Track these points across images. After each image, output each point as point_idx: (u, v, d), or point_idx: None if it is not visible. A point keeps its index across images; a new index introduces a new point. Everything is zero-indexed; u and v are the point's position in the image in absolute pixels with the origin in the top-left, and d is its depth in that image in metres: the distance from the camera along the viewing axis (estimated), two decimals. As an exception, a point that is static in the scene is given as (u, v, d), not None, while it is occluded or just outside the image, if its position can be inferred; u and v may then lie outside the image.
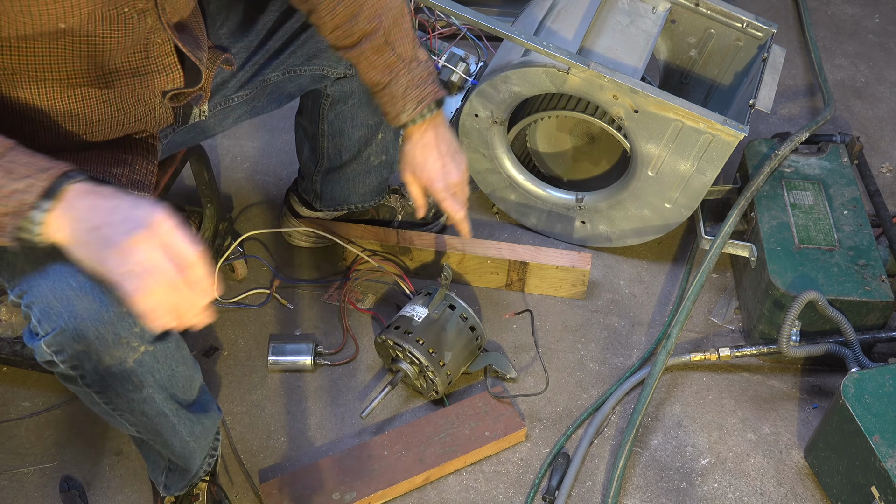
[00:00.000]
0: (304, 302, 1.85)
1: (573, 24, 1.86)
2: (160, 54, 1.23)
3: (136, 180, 1.30)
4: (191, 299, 0.96)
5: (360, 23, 1.38)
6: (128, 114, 1.26)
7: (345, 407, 1.68)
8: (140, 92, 1.25)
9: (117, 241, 0.93)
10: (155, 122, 1.32)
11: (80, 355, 1.08)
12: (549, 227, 1.99)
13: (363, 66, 1.42)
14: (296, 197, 1.89)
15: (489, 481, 1.58)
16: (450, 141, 1.48)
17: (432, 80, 1.45)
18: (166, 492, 1.42)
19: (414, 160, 1.48)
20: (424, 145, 1.46)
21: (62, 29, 1.08)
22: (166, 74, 1.26)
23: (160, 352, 1.16)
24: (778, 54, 1.90)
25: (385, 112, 1.45)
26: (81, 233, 0.95)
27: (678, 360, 1.73)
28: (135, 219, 0.94)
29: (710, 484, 1.58)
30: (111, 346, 1.09)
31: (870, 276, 1.68)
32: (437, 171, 1.47)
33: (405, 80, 1.42)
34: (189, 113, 1.43)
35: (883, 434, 1.40)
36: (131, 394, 1.16)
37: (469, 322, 1.65)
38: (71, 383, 1.15)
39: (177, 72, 1.27)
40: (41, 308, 1.08)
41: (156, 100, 1.29)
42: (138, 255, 0.93)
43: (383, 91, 1.43)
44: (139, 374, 1.14)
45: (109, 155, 1.27)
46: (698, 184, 1.76)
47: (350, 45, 1.41)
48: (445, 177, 1.48)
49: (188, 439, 1.31)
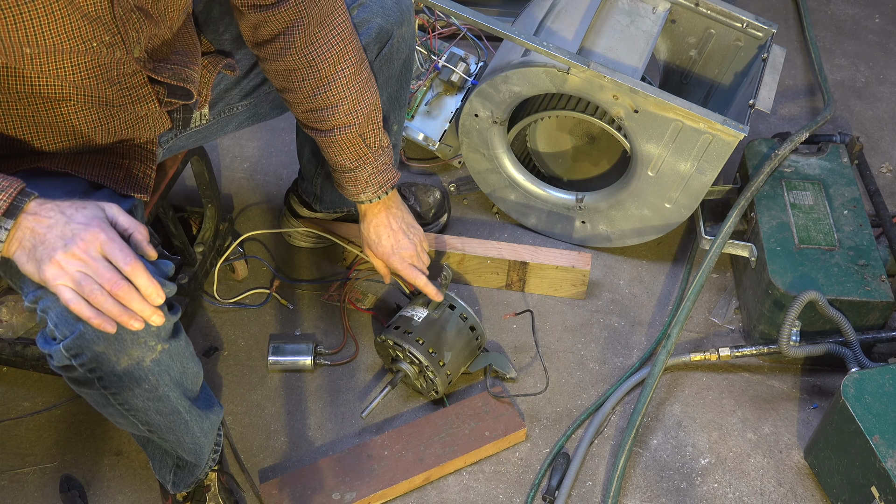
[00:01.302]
0: (304, 302, 1.86)
1: (573, 24, 1.86)
2: (133, 85, 1.24)
3: (133, 183, 1.30)
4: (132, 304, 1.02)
5: (337, 115, 1.45)
6: (119, 121, 1.26)
7: (345, 407, 1.68)
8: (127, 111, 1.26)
9: (52, 256, 1.01)
10: (150, 128, 1.32)
11: (99, 357, 1.09)
12: (549, 227, 1.99)
13: (332, 150, 1.51)
14: (296, 198, 1.89)
15: (489, 481, 1.58)
16: (401, 217, 1.64)
17: (391, 165, 1.57)
18: (175, 489, 1.43)
19: (369, 238, 1.64)
20: (377, 224, 1.62)
21: (28, 53, 1.08)
22: (143, 104, 1.27)
23: (174, 350, 1.17)
24: (778, 54, 1.90)
25: (343, 188, 1.58)
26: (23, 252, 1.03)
27: (678, 360, 1.73)
28: (67, 235, 1.01)
29: (710, 484, 1.58)
30: (129, 347, 1.10)
31: (870, 276, 1.68)
32: (391, 246, 1.63)
33: (371, 168, 1.54)
34: (189, 117, 1.43)
35: (883, 434, 1.40)
36: (148, 393, 1.16)
37: (469, 322, 1.65)
38: (86, 387, 1.14)
39: (152, 102, 1.27)
40: (57, 313, 1.08)
41: (140, 115, 1.29)
42: (70, 268, 1.00)
43: (347, 174, 1.54)
44: (156, 374, 1.15)
45: (106, 159, 1.28)
46: (698, 184, 1.76)
47: (322, 129, 1.48)
48: (399, 251, 1.63)
49: (199, 435, 1.32)
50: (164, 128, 1.35)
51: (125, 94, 1.23)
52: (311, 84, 1.41)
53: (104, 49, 1.14)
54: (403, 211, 1.65)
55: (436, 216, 1.97)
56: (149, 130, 1.32)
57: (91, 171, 1.25)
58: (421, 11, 2.09)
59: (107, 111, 1.23)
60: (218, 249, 1.84)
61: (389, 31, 1.54)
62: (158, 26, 1.21)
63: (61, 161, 1.23)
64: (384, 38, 1.54)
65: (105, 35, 1.13)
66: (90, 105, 1.21)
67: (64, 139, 1.23)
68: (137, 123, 1.29)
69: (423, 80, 2.03)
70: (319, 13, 1.36)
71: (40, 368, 1.66)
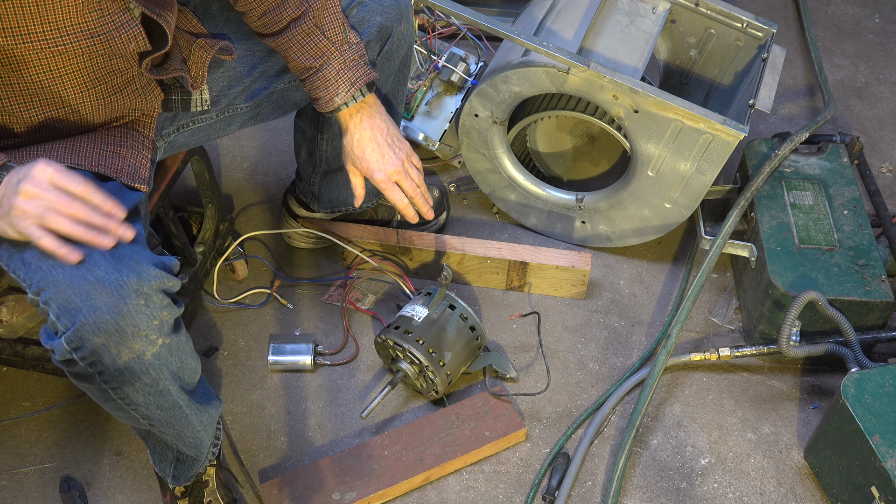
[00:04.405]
0: (304, 302, 1.86)
1: (573, 24, 1.86)
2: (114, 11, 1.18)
3: (131, 172, 1.29)
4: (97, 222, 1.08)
5: (289, 8, 1.39)
6: (106, 85, 1.24)
7: (345, 407, 1.68)
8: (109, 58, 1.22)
9: (11, 205, 1.06)
10: (139, 95, 1.30)
11: (100, 349, 1.09)
12: (549, 227, 1.99)
13: (293, 51, 1.42)
14: (293, 198, 1.89)
15: (489, 481, 1.58)
16: (386, 130, 1.50)
17: (364, 62, 1.46)
18: (175, 482, 1.43)
19: (352, 152, 1.51)
20: (361, 138, 1.49)
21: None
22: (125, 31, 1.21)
23: (174, 345, 1.18)
24: (778, 54, 1.90)
25: (315, 98, 1.46)
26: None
27: (678, 360, 1.73)
28: (16, 181, 1.07)
29: (710, 484, 1.58)
30: (130, 339, 1.10)
31: (870, 276, 1.68)
32: (375, 161, 1.49)
33: (337, 63, 1.43)
34: (188, 99, 1.42)
35: (883, 434, 1.40)
36: (148, 387, 1.17)
37: (469, 322, 1.65)
38: (86, 382, 1.15)
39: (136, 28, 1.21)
40: (59, 303, 1.09)
41: (132, 69, 1.26)
42: (30, 208, 1.05)
43: (315, 76, 1.44)
44: (156, 368, 1.15)
45: (102, 146, 1.27)
46: (698, 184, 1.76)
47: (278, 30, 1.41)
48: (384, 167, 1.50)
49: (199, 428, 1.32)
50: (157, 100, 1.33)
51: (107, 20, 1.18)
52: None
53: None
54: (388, 123, 1.52)
55: (435, 215, 1.97)
56: (139, 99, 1.30)
57: (90, 160, 1.24)
58: (421, 11, 2.09)
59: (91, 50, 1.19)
60: (218, 249, 1.85)
61: (389, 29, 1.54)
62: None
63: (59, 148, 1.23)
64: (384, 35, 1.54)
65: None
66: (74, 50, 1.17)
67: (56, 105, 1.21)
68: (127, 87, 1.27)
69: (423, 80, 2.03)
70: None
71: (40, 368, 1.66)
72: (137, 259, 1.12)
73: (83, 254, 1.08)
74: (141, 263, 1.12)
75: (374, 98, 1.49)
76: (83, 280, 1.08)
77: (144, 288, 1.11)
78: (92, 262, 1.09)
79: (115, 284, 1.09)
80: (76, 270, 1.09)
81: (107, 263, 1.10)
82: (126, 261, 1.11)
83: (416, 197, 1.54)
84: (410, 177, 1.53)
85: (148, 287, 1.11)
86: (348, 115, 1.48)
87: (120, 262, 1.10)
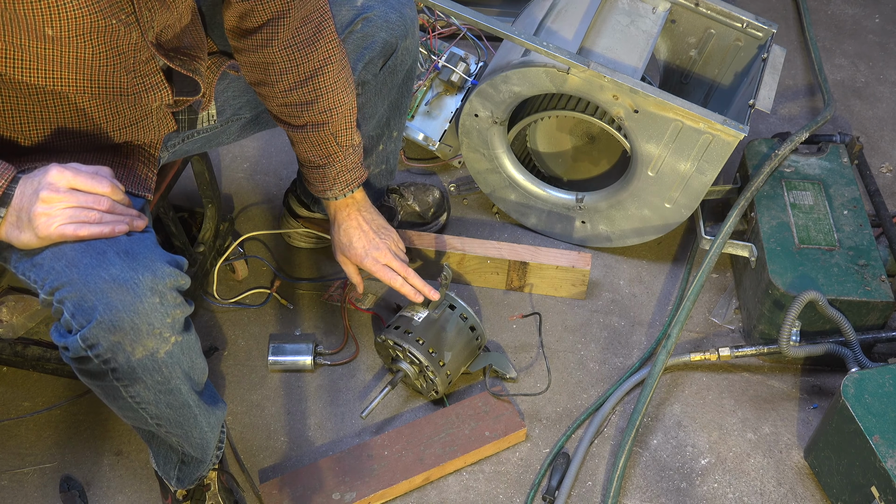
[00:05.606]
0: (304, 302, 1.86)
1: (573, 24, 1.87)
2: (146, 73, 1.24)
3: (137, 182, 1.31)
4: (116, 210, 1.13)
5: (312, 112, 1.45)
6: (123, 118, 1.27)
7: (345, 407, 1.68)
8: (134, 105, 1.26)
9: (32, 212, 1.08)
10: (154, 128, 1.32)
11: (115, 347, 1.09)
12: (549, 227, 1.99)
13: (303, 146, 1.51)
14: (294, 198, 1.89)
15: (489, 481, 1.58)
16: (372, 220, 1.62)
17: (360, 163, 1.56)
18: (179, 485, 1.43)
19: (340, 241, 1.62)
20: (348, 228, 1.60)
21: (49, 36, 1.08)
22: (154, 93, 1.27)
23: (186, 343, 1.18)
24: (778, 54, 1.90)
25: (309, 183, 1.57)
26: (11, 227, 1.11)
27: (678, 360, 1.73)
28: (31, 190, 1.09)
29: (710, 484, 1.58)
30: (145, 337, 1.10)
31: (870, 276, 1.68)
32: (363, 247, 1.61)
33: (339, 165, 1.53)
34: (195, 118, 1.43)
35: (883, 434, 1.40)
36: (160, 385, 1.17)
37: (469, 322, 1.65)
38: (97, 379, 1.15)
39: (164, 90, 1.28)
40: (74, 302, 1.09)
41: (152, 107, 1.29)
42: (55, 211, 1.08)
43: (315, 170, 1.54)
44: (169, 366, 1.16)
45: (111, 158, 1.28)
46: (698, 184, 1.76)
47: (294, 125, 1.48)
48: (371, 251, 1.61)
49: (206, 429, 1.32)
50: (169, 129, 1.35)
51: (138, 81, 1.23)
52: (290, 79, 1.41)
53: (122, 29, 1.14)
54: (374, 213, 1.63)
55: (435, 215, 1.97)
56: (152, 131, 1.32)
57: None
58: (421, 11, 2.09)
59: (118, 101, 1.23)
60: (218, 249, 1.85)
61: (394, 45, 1.55)
62: (170, 12, 1.21)
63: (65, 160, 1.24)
64: (388, 51, 1.55)
65: (121, 13, 1.13)
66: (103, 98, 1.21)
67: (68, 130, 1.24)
68: (143, 120, 1.29)
69: (423, 80, 2.03)
70: (305, 9, 1.37)
71: (40, 368, 1.66)
72: (151, 257, 1.13)
73: (127, 226, 1.13)
74: (155, 261, 1.12)
75: (363, 193, 1.60)
76: (98, 279, 1.08)
77: (159, 286, 1.11)
78: (107, 261, 1.10)
79: (131, 282, 1.09)
80: (91, 269, 1.09)
81: (121, 262, 1.10)
82: (140, 259, 1.11)
83: (410, 276, 1.62)
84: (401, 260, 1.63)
85: (162, 285, 1.12)
86: (336, 206, 1.59)
87: (135, 261, 1.11)
